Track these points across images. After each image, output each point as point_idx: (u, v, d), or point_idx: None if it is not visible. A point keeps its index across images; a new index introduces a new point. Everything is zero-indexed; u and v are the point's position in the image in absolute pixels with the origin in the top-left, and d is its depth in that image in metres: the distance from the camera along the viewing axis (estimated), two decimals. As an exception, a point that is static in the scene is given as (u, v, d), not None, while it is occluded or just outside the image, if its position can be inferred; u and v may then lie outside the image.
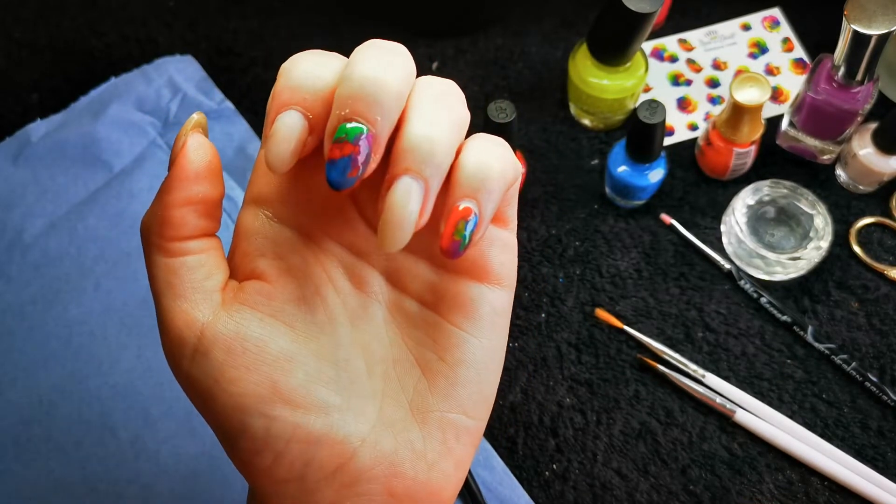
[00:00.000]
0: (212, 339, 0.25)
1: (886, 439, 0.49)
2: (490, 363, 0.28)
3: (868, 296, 0.53)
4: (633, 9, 0.48)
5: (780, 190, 0.54)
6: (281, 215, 0.26)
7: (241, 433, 0.25)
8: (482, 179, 0.24)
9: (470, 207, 0.24)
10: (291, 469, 0.25)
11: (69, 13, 0.66)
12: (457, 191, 0.24)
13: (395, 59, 0.24)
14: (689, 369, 0.51)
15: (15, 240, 0.55)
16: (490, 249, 0.27)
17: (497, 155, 0.25)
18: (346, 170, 0.23)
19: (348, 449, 0.25)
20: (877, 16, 0.46)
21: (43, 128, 0.59)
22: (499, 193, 0.24)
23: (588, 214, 0.56)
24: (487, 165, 0.24)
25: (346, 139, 0.22)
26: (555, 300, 0.54)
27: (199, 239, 0.26)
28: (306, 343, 0.26)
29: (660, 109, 0.48)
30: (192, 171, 0.25)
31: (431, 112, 0.24)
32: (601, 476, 0.49)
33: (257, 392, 0.24)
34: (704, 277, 0.54)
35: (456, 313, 0.27)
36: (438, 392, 0.27)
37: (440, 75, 0.61)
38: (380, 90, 0.22)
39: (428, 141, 0.23)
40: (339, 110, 0.22)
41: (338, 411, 0.25)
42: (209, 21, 0.65)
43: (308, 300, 0.26)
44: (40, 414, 0.50)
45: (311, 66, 0.24)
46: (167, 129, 0.59)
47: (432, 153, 0.23)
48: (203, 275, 0.25)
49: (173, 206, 0.25)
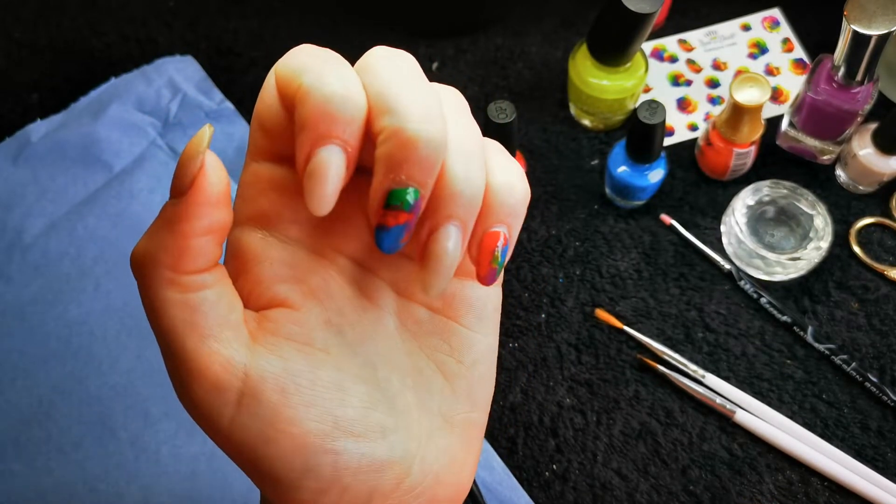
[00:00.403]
0: (260, 380, 0.22)
1: (886, 440, 0.49)
2: (494, 357, 0.28)
3: (868, 296, 0.53)
4: (633, 9, 0.48)
5: (780, 190, 0.54)
6: (292, 235, 0.24)
7: (305, 475, 0.23)
8: (512, 204, 0.23)
9: (502, 232, 0.23)
10: (357, 499, 0.24)
11: (69, 13, 0.66)
12: (490, 218, 0.23)
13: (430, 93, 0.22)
14: (689, 370, 0.51)
15: (15, 240, 0.55)
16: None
17: (518, 173, 0.24)
18: (400, 237, 0.22)
19: (405, 469, 0.25)
20: (877, 16, 0.46)
21: (43, 128, 0.59)
22: (524, 213, 0.24)
23: (588, 215, 0.56)
24: (514, 188, 0.23)
25: (400, 208, 0.21)
26: (555, 300, 0.54)
27: (211, 270, 0.23)
28: (347, 368, 0.24)
29: (660, 110, 0.48)
30: (214, 196, 0.22)
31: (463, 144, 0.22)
32: (601, 476, 0.49)
33: (320, 428, 0.23)
34: (704, 278, 0.54)
35: (465, 314, 0.27)
36: (461, 395, 0.27)
37: (440, 75, 0.62)
38: (433, 150, 0.21)
39: (468, 184, 0.22)
40: (393, 174, 0.21)
41: (393, 433, 0.24)
42: (209, 21, 0.65)
43: (334, 322, 0.25)
44: (40, 414, 0.50)
45: (343, 88, 0.21)
46: (167, 129, 0.59)
47: (472, 195, 0.22)
48: (226, 308, 0.23)
49: (192, 236, 0.22)
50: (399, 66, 0.22)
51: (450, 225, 0.22)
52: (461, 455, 0.27)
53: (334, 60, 0.22)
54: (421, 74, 0.23)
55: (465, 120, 0.23)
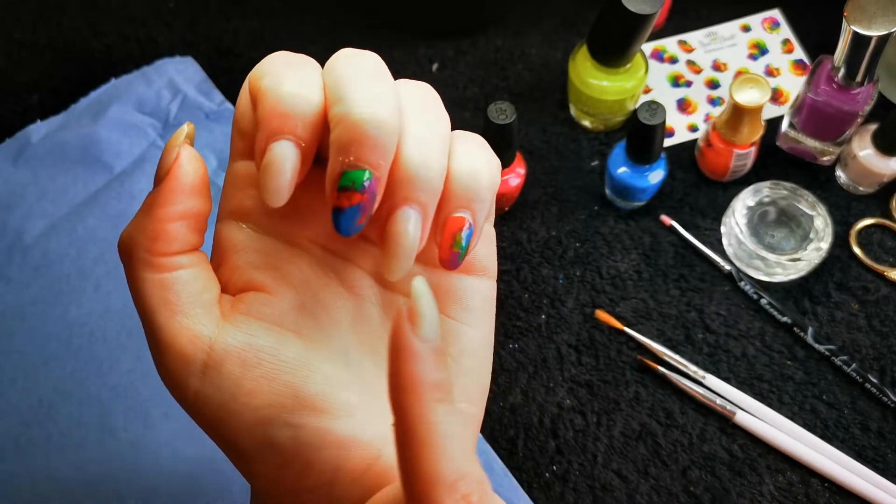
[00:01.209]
0: (223, 353, 0.24)
1: (887, 441, 0.49)
2: (486, 351, 0.28)
3: (868, 297, 0.53)
4: (634, 10, 0.48)
5: (780, 191, 0.54)
6: (264, 226, 0.26)
7: (265, 447, 0.24)
8: (475, 189, 0.24)
9: (465, 217, 0.24)
10: (321, 476, 0.24)
11: (69, 13, 0.66)
12: (451, 203, 0.24)
13: (383, 83, 0.23)
14: (690, 371, 0.51)
15: (15, 241, 0.55)
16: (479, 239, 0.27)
17: (484, 160, 0.24)
18: (356, 218, 0.22)
19: (374, 450, 0.25)
20: (877, 17, 0.46)
21: (43, 129, 0.59)
22: (491, 199, 0.24)
23: (588, 216, 0.56)
24: (478, 174, 0.24)
25: (353, 188, 0.22)
26: (555, 301, 0.54)
27: (189, 253, 0.25)
28: (317, 348, 0.25)
29: (660, 111, 0.48)
30: (188, 185, 0.24)
31: (422, 130, 0.23)
32: (601, 477, 0.49)
33: (280, 402, 0.24)
34: (704, 279, 0.54)
35: (450, 306, 0.27)
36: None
37: (440, 76, 0.62)
38: (380, 131, 0.22)
39: (424, 167, 0.23)
40: (342, 156, 0.22)
41: (361, 412, 0.25)
42: (209, 21, 0.65)
43: (308, 306, 0.26)
44: (40, 415, 0.50)
45: (296, 87, 0.23)
46: (167, 130, 0.59)
47: (429, 178, 0.23)
48: (199, 288, 0.25)
49: (167, 220, 0.24)
50: (356, 62, 0.23)
51: (407, 208, 0.23)
52: None
53: (298, 64, 0.24)
54: (377, 69, 0.24)
55: (428, 110, 0.24)
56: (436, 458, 0.20)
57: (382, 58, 0.25)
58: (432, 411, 0.20)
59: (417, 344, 0.20)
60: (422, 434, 0.20)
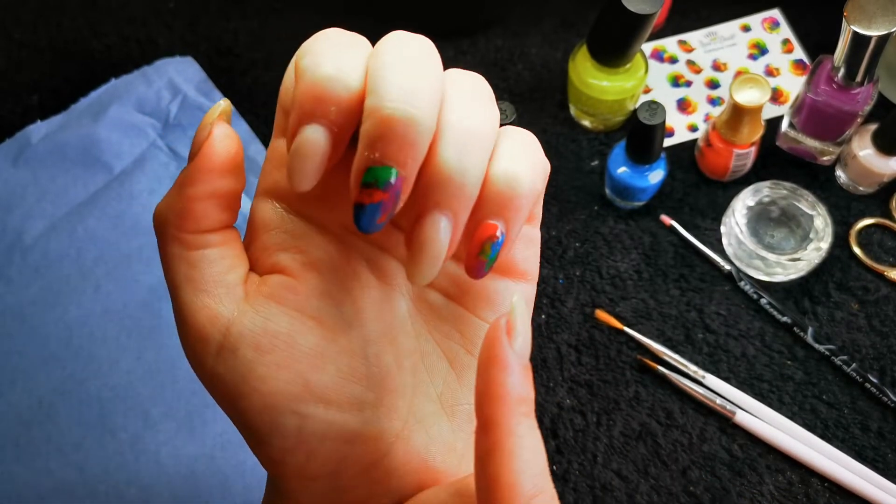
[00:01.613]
0: (239, 336, 0.24)
1: (886, 440, 0.49)
2: None
3: (868, 297, 0.53)
4: (633, 10, 0.48)
5: (779, 191, 0.54)
6: (298, 209, 0.25)
7: (272, 432, 0.24)
8: (511, 197, 0.22)
9: (497, 225, 0.22)
10: (324, 467, 0.24)
11: (69, 14, 0.66)
12: (484, 208, 0.22)
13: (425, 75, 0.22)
14: (690, 370, 0.51)
15: (15, 241, 0.55)
16: (513, 246, 0.26)
17: (528, 162, 0.23)
18: (376, 216, 0.21)
19: (382, 446, 0.25)
20: (876, 17, 0.46)
21: (43, 129, 0.59)
22: (529, 207, 0.23)
23: (588, 216, 0.56)
24: (517, 179, 0.22)
25: (376, 185, 0.21)
26: (555, 301, 0.54)
27: (218, 232, 0.24)
28: (335, 338, 0.25)
29: (660, 111, 0.48)
30: (219, 163, 0.23)
31: (464, 129, 0.22)
32: (601, 477, 0.49)
33: (289, 390, 0.23)
34: (704, 279, 0.54)
35: (482, 307, 0.27)
36: (467, 385, 0.26)
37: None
38: (410, 128, 0.21)
39: (459, 172, 0.21)
40: (368, 151, 0.21)
41: (371, 408, 0.25)
42: (209, 22, 0.65)
43: (333, 294, 0.25)
44: (40, 415, 0.50)
45: (335, 70, 0.22)
46: (167, 130, 0.59)
47: (463, 184, 0.21)
48: (224, 268, 0.24)
49: (196, 199, 0.23)
50: (400, 50, 0.22)
51: (436, 213, 0.22)
52: (461, 447, 0.26)
53: (343, 45, 0.23)
54: (422, 59, 0.22)
55: (475, 106, 0.23)
56: (518, 471, 0.20)
57: None
58: (518, 424, 0.20)
59: (512, 356, 0.20)
60: (507, 445, 0.20)
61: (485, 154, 0.22)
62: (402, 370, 0.26)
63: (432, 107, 0.21)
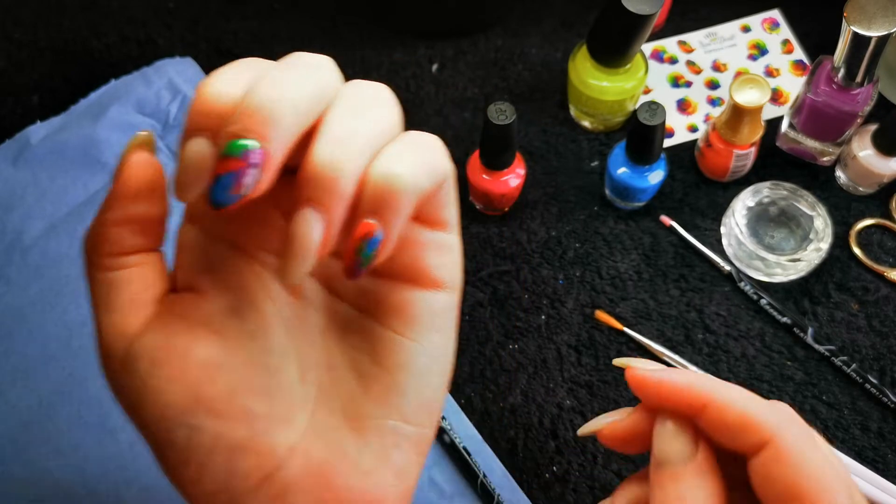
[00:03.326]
0: (138, 351, 0.24)
1: (887, 441, 0.49)
2: (432, 367, 0.27)
3: (868, 297, 0.53)
4: (633, 10, 0.48)
5: (779, 191, 0.54)
6: (210, 230, 0.26)
7: (167, 444, 0.24)
8: (387, 195, 0.22)
9: (373, 225, 0.22)
10: (215, 480, 0.24)
11: (69, 14, 0.66)
12: (361, 207, 0.22)
13: (307, 72, 0.22)
14: (690, 371, 0.51)
15: (15, 242, 0.55)
16: (425, 254, 0.26)
17: (410, 161, 0.23)
18: (228, 187, 0.21)
19: (274, 459, 0.25)
20: (876, 17, 0.46)
21: (43, 130, 0.59)
22: (409, 206, 0.23)
23: (588, 216, 0.56)
24: (394, 177, 0.22)
25: (230, 154, 0.21)
26: (555, 302, 0.54)
27: (137, 254, 0.25)
28: (235, 351, 0.25)
29: (659, 111, 0.48)
30: (133, 190, 0.24)
31: (343, 129, 0.22)
32: (601, 478, 0.49)
33: (180, 402, 0.24)
34: (704, 279, 0.54)
35: (392, 318, 0.26)
36: (375, 398, 0.26)
37: (440, 77, 0.62)
38: (275, 105, 0.21)
39: (331, 168, 0.22)
40: (230, 126, 0.21)
41: (263, 420, 0.25)
42: (209, 22, 0.65)
43: (239, 310, 0.26)
44: (40, 416, 0.50)
45: (222, 85, 0.22)
46: (167, 131, 0.59)
47: (335, 182, 0.22)
48: (139, 288, 0.25)
49: (110, 224, 0.24)
50: (291, 59, 0.23)
51: (307, 209, 0.22)
52: (367, 463, 0.26)
53: (239, 67, 0.24)
54: (313, 67, 0.23)
55: (366, 109, 0.23)
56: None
57: (382, 59, 0.24)
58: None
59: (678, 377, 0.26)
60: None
61: (364, 153, 0.22)
62: (306, 383, 0.26)
63: (307, 101, 0.22)
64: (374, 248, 0.23)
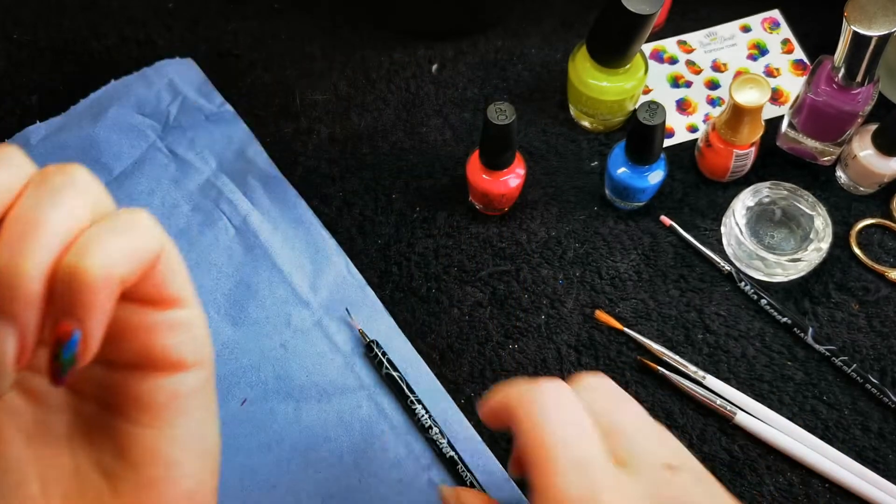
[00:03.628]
0: None
1: (887, 441, 0.49)
2: (183, 454, 0.25)
3: (868, 297, 0.53)
4: (633, 10, 0.48)
5: (779, 191, 0.54)
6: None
7: None
8: (75, 291, 0.21)
9: (67, 325, 0.21)
10: None
11: (69, 15, 0.66)
12: (54, 307, 0.21)
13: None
14: (689, 371, 0.51)
15: (14, 242, 0.55)
16: (156, 337, 0.24)
17: (104, 251, 0.21)
18: None
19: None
20: (877, 17, 0.46)
21: (42, 130, 0.59)
22: (107, 299, 0.21)
23: (588, 216, 0.56)
24: (80, 271, 0.21)
25: None
26: (554, 302, 0.54)
27: None
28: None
29: (659, 111, 0.48)
30: None
31: (23, 224, 0.21)
32: (601, 478, 0.48)
33: None
34: (704, 279, 0.54)
35: (135, 410, 0.25)
36: (125, 498, 0.25)
37: (440, 77, 0.61)
38: None
39: (8, 273, 0.20)
40: None
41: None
42: (209, 23, 0.65)
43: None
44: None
45: None
46: (167, 132, 0.59)
47: (17, 287, 0.20)
48: None
49: None
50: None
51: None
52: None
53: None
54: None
55: (49, 200, 0.21)
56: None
57: (382, 59, 0.23)
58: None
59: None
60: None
61: (48, 248, 0.21)
62: (50, 495, 0.24)
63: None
64: (73, 351, 0.21)
